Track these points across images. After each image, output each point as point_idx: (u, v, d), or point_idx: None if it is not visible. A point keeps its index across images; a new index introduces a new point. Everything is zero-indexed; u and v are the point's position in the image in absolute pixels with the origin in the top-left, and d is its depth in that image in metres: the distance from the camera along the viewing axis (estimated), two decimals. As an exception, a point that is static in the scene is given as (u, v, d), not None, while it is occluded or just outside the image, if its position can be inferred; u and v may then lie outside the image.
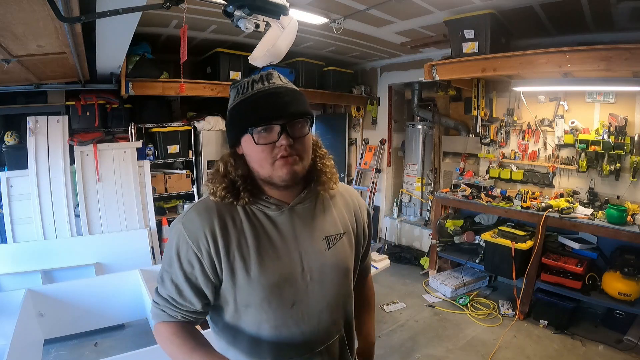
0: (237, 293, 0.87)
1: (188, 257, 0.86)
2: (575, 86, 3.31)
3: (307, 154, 0.90)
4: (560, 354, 2.77)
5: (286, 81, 0.90)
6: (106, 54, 2.68)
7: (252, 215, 0.90)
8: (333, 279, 0.95)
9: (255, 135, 0.83)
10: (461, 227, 3.92)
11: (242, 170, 0.89)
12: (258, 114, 0.83)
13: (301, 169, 0.87)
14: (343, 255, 0.97)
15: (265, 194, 0.91)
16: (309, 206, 0.95)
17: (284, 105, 0.84)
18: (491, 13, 2.81)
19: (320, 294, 0.92)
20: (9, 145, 3.36)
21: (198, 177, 4.18)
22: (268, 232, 0.90)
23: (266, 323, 0.88)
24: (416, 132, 4.68)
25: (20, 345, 2.17)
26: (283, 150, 0.83)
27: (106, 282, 2.94)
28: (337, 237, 0.97)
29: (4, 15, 1.47)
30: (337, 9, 2.85)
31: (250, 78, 0.88)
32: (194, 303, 0.88)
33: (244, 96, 0.86)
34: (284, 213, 0.91)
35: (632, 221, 2.82)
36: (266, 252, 0.88)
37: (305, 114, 0.87)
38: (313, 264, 0.92)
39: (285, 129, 0.83)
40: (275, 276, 0.87)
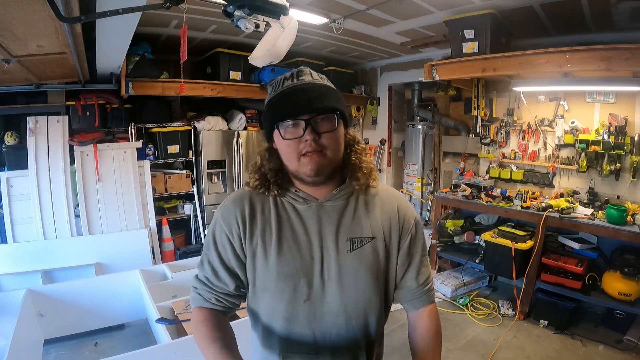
0: (256, 276, 0.92)
1: (222, 241, 0.93)
2: (575, 86, 3.30)
3: (335, 150, 0.88)
4: (560, 354, 2.77)
5: (318, 77, 0.91)
6: (106, 54, 2.67)
7: (280, 206, 0.94)
8: (353, 284, 0.91)
9: (282, 130, 0.86)
10: (461, 227, 3.92)
11: (274, 164, 0.93)
12: (284, 109, 0.86)
13: (327, 165, 0.87)
14: (368, 262, 0.92)
15: (295, 187, 0.93)
16: (339, 204, 0.93)
17: (308, 101, 0.85)
18: (491, 13, 2.81)
19: (337, 296, 0.90)
20: (9, 145, 3.36)
21: (198, 177, 4.18)
22: (292, 224, 0.92)
23: (278, 313, 0.91)
24: (416, 132, 4.68)
25: (20, 346, 2.17)
26: (308, 146, 0.84)
27: (106, 282, 2.94)
28: (364, 240, 0.92)
29: (4, 15, 1.47)
30: (337, 9, 2.85)
31: (283, 76, 0.91)
32: (227, 284, 0.93)
33: (275, 93, 0.89)
34: (311, 207, 0.92)
35: (632, 221, 2.82)
36: (287, 241, 0.90)
37: (331, 110, 0.87)
38: (332, 263, 0.90)
39: (310, 124, 0.84)
40: (290, 267, 0.89)
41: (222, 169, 4.27)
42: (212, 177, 4.27)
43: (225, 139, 4.21)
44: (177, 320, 2.36)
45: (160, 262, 3.70)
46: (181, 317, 2.37)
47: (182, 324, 2.31)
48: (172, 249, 3.97)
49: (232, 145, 4.25)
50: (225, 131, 4.21)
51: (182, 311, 2.41)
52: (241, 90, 4.08)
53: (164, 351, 1.99)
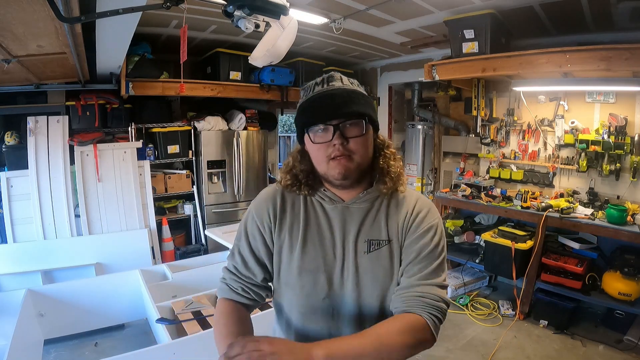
0: (281, 269, 0.96)
1: (253, 232, 0.98)
2: (575, 86, 3.30)
3: (363, 154, 0.90)
4: (560, 354, 2.77)
5: (348, 83, 0.94)
6: (106, 54, 2.68)
7: (310, 205, 0.98)
8: (368, 286, 0.91)
9: (312, 134, 0.90)
10: (461, 227, 3.92)
11: (305, 166, 0.96)
12: (313, 115, 0.89)
13: (355, 169, 0.89)
14: (384, 264, 0.92)
15: (325, 188, 0.97)
16: (365, 206, 0.95)
17: (336, 106, 0.88)
18: (491, 13, 2.81)
19: (353, 296, 0.91)
20: (9, 145, 3.36)
21: (198, 177, 4.18)
22: (320, 222, 0.96)
23: (297, 308, 0.95)
24: (416, 132, 4.68)
25: (21, 346, 2.17)
26: (336, 150, 0.87)
27: (106, 282, 2.94)
28: (381, 243, 0.92)
29: (4, 15, 1.47)
30: (337, 9, 2.85)
31: (315, 81, 0.95)
32: (256, 274, 0.96)
33: (307, 98, 0.93)
34: (337, 208, 0.95)
35: (632, 221, 2.82)
36: (312, 238, 0.94)
37: (359, 115, 0.89)
38: (351, 263, 0.92)
39: (339, 129, 0.87)
40: (313, 263, 0.93)
41: (222, 169, 4.28)
42: (212, 177, 4.27)
43: (225, 139, 4.21)
44: (177, 320, 2.36)
45: (160, 262, 3.70)
46: (181, 317, 2.36)
47: (182, 324, 2.31)
48: (172, 249, 3.98)
49: (232, 145, 4.25)
50: (225, 131, 4.21)
51: (182, 311, 2.41)
52: (241, 90, 4.08)
53: (164, 351, 1.99)
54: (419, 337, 0.82)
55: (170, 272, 2.99)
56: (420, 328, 0.83)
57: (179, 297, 2.64)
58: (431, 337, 0.84)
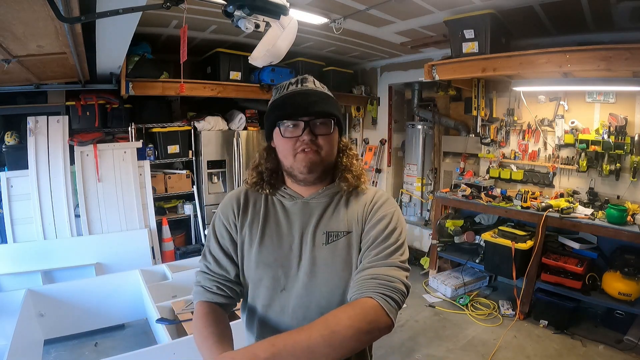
0: (244, 264, 1.00)
1: (221, 231, 1.02)
2: (575, 86, 3.30)
3: (329, 151, 0.96)
4: (561, 354, 2.77)
5: (320, 86, 1.00)
6: (106, 54, 2.68)
7: (270, 203, 1.02)
8: (326, 277, 0.93)
9: (282, 128, 0.94)
10: (461, 227, 3.92)
11: (271, 163, 1.01)
12: (286, 110, 0.94)
13: (319, 163, 0.94)
14: (342, 255, 0.94)
15: (285, 186, 1.02)
16: (324, 201, 0.99)
17: (309, 104, 0.93)
18: (491, 13, 2.80)
19: (308, 288, 0.93)
20: (9, 145, 3.36)
21: (198, 177, 4.18)
22: (278, 218, 1.00)
23: (258, 299, 0.98)
24: (416, 132, 4.68)
25: (21, 345, 2.17)
26: (304, 144, 0.92)
27: (106, 282, 2.94)
28: (340, 234, 0.95)
29: (4, 15, 1.47)
30: (337, 9, 2.85)
31: (289, 81, 1.00)
32: (229, 271, 0.99)
33: (280, 95, 0.98)
34: (296, 204, 1.00)
35: (632, 221, 2.82)
36: (270, 234, 0.98)
37: (329, 115, 0.94)
38: (308, 255, 0.95)
39: (309, 125, 0.92)
40: (270, 257, 0.96)
41: (222, 169, 4.28)
42: (212, 177, 4.28)
43: (225, 139, 4.21)
44: (177, 320, 2.36)
45: (160, 262, 3.70)
46: (181, 317, 2.37)
47: (182, 324, 2.31)
48: (172, 249, 3.98)
49: (232, 145, 4.25)
50: (225, 131, 4.21)
51: (182, 311, 2.41)
52: (241, 90, 4.08)
53: (164, 351, 1.99)
54: (372, 320, 0.78)
55: (170, 272, 3.00)
56: (372, 311, 0.78)
57: (179, 297, 2.64)
58: (386, 319, 0.80)
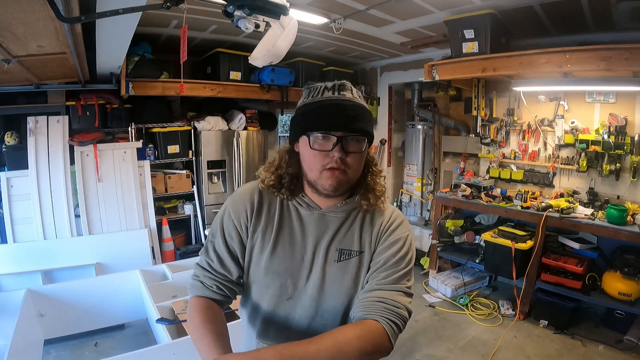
0: (251, 267, 0.96)
1: (229, 230, 0.96)
2: (575, 86, 3.30)
3: (357, 171, 0.92)
4: (561, 354, 2.77)
5: (357, 96, 0.93)
6: (106, 54, 2.68)
7: (286, 209, 0.97)
8: (334, 293, 0.92)
9: (312, 139, 0.87)
10: (461, 227, 3.92)
11: (293, 168, 0.96)
12: (320, 120, 0.87)
13: (346, 183, 0.90)
14: (352, 274, 0.93)
15: (304, 194, 0.97)
16: (341, 216, 0.96)
17: (346, 119, 0.86)
18: (491, 13, 2.81)
19: (316, 300, 0.92)
20: (9, 145, 3.36)
21: (198, 177, 4.18)
22: (293, 226, 0.96)
23: (263, 303, 0.96)
24: (416, 132, 4.68)
25: (21, 345, 2.17)
26: (333, 162, 0.86)
27: (106, 282, 2.94)
28: (352, 253, 0.94)
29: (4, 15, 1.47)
30: (337, 9, 2.85)
31: (324, 84, 0.92)
32: (232, 272, 0.96)
33: (313, 99, 0.90)
34: (313, 215, 0.96)
35: (632, 221, 2.82)
36: (283, 242, 0.94)
37: (364, 133, 0.89)
38: (318, 269, 0.93)
39: (341, 142, 0.86)
40: (280, 265, 0.93)
41: (222, 169, 4.27)
42: (212, 177, 4.27)
43: (225, 139, 4.21)
44: (177, 320, 2.36)
45: (160, 262, 3.70)
46: (181, 317, 2.36)
47: (182, 324, 2.31)
48: (172, 249, 3.97)
49: (232, 145, 4.25)
50: (225, 131, 4.21)
51: (182, 311, 2.41)
52: (241, 90, 4.08)
53: (164, 351, 1.99)
54: (376, 343, 0.80)
55: (170, 272, 2.99)
56: (378, 335, 0.81)
57: (179, 297, 2.64)
58: (388, 344, 0.82)
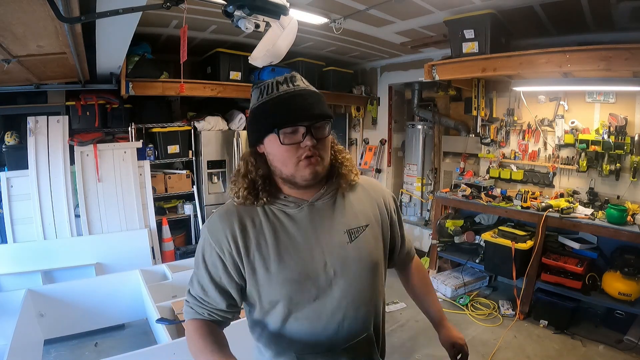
0: (261, 291, 0.91)
1: (212, 260, 0.92)
2: (575, 86, 3.30)
3: (328, 154, 0.93)
4: (561, 354, 2.77)
5: (308, 84, 0.93)
6: (106, 54, 2.68)
7: (271, 215, 0.93)
8: (358, 273, 0.94)
9: (281, 135, 0.86)
10: (461, 227, 3.92)
11: (262, 169, 0.93)
12: (284, 115, 0.85)
13: (322, 169, 0.91)
14: (367, 249, 0.96)
15: (283, 193, 0.94)
16: (329, 201, 0.96)
17: (308, 107, 0.87)
18: (491, 13, 2.80)
19: (345, 288, 0.92)
20: (9, 145, 3.36)
21: (198, 177, 4.18)
22: (287, 230, 0.92)
23: (290, 318, 0.91)
24: (416, 132, 4.68)
25: (21, 345, 2.17)
26: (307, 151, 0.86)
27: (106, 282, 2.94)
28: (360, 229, 0.96)
29: (4, 15, 1.47)
30: (337, 9, 2.85)
31: (274, 79, 0.90)
32: (218, 302, 0.93)
33: (269, 97, 0.88)
34: (303, 210, 0.93)
35: (632, 221, 2.82)
36: (285, 249, 0.91)
37: (327, 116, 0.90)
38: (335, 258, 0.92)
39: (310, 131, 0.86)
40: (294, 272, 0.90)
41: (222, 169, 4.28)
42: (212, 177, 4.28)
43: (225, 139, 4.21)
44: (177, 320, 2.36)
45: (160, 262, 3.70)
46: (181, 317, 2.36)
47: (182, 324, 2.30)
48: (172, 249, 3.98)
49: (232, 145, 4.25)
50: (225, 131, 4.21)
51: (182, 311, 2.40)
52: (241, 90, 4.08)
53: (164, 351, 1.99)
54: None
55: (170, 272, 2.99)
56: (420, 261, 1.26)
57: (179, 297, 2.64)
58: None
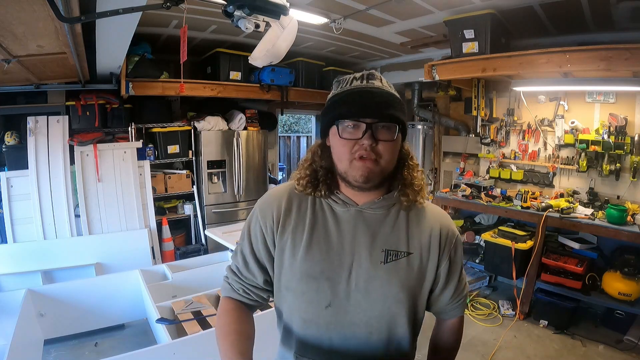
0: (282, 273, 0.91)
1: (255, 233, 0.94)
2: (575, 86, 3.30)
3: (389, 160, 0.86)
4: (561, 354, 2.77)
5: (387, 84, 0.90)
6: (106, 54, 2.68)
7: (318, 207, 0.92)
8: (380, 297, 0.86)
9: (341, 128, 0.85)
10: (461, 227, 3.92)
11: (325, 161, 0.92)
12: (348, 108, 0.84)
13: (378, 173, 0.85)
14: (400, 277, 0.87)
15: (339, 190, 0.92)
16: (380, 213, 0.90)
17: (374, 105, 0.83)
18: (491, 13, 2.81)
19: (362, 307, 0.86)
20: (9, 145, 3.36)
21: (198, 177, 4.18)
22: (327, 225, 0.90)
23: (297, 314, 0.90)
24: (416, 132, 4.68)
25: (21, 345, 2.17)
26: (363, 150, 0.83)
27: (106, 282, 2.94)
28: (400, 254, 0.88)
29: (4, 15, 1.47)
30: (337, 9, 2.85)
31: (353, 75, 0.90)
32: (256, 276, 0.94)
33: (342, 90, 0.88)
34: (349, 212, 0.90)
35: (632, 221, 2.82)
36: (317, 242, 0.89)
37: (394, 119, 0.85)
38: (362, 272, 0.86)
39: (371, 129, 0.82)
40: (316, 268, 0.87)
41: (222, 169, 4.28)
42: (212, 177, 4.28)
43: (225, 139, 4.21)
44: (177, 320, 2.36)
45: (160, 262, 3.70)
46: (181, 317, 2.36)
47: (182, 324, 2.30)
48: (172, 249, 3.98)
49: (232, 145, 4.25)
50: (225, 131, 4.21)
51: (182, 311, 2.41)
52: (241, 90, 4.08)
53: (164, 351, 1.99)
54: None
55: (170, 272, 2.99)
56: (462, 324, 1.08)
57: (179, 297, 2.64)
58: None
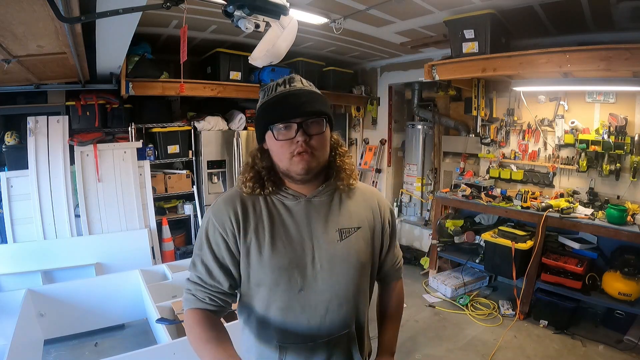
0: (251, 272, 0.97)
1: (215, 239, 0.97)
2: (575, 86, 3.30)
3: (323, 151, 0.97)
4: (561, 354, 2.77)
5: (307, 84, 0.99)
6: (106, 54, 2.67)
7: (271, 204, 1.00)
8: (343, 271, 0.98)
9: (275, 132, 0.93)
10: (461, 227, 3.92)
11: (266, 162, 1.00)
12: (278, 113, 0.93)
13: (316, 165, 0.95)
14: (356, 249, 1.01)
15: (285, 186, 1.01)
16: (326, 199, 1.01)
17: (300, 105, 0.93)
18: (491, 13, 2.81)
19: (329, 283, 0.97)
20: (9, 145, 3.36)
21: (198, 177, 4.18)
22: (284, 220, 0.99)
23: (274, 304, 0.96)
24: (416, 132, 4.68)
25: (21, 345, 2.17)
26: (299, 146, 0.92)
27: (106, 282, 2.94)
28: (351, 230, 1.01)
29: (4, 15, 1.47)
30: (337, 9, 2.85)
31: (276, 82, 0.99)
32: (222, 282, 0.97)
33: (269, 97, 0.97)
34: (300, 203, 0.99)
35: (632, 221, 2.82)
36: (279, 237, 0.97)
37: (320, 113, 0.95)
38: (324, 253, 0.97)
39: (302, 127, 0.92)
40: (284, 260, 0.95)
41: (222, 169, 4.27)
42: (212, 177, 4.27)
43: (225, 139, 4.21)
44: (177, 320, 2.36)
45: (160, 262, 3.70)
46: (181, 317, 2.37)
47: (182, 324, 2.31)
48: (172, 249, 3.98)
49: (232, 145, 4.25)
50: (225, 131, 4.21)
51: (182, 311, 2.41)
52: (241, 90, 4.08)
53: (164, 351, 1.99)
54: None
55: (170, 272, 3.00)
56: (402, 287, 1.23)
57: (179, 297, 2.64)
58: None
